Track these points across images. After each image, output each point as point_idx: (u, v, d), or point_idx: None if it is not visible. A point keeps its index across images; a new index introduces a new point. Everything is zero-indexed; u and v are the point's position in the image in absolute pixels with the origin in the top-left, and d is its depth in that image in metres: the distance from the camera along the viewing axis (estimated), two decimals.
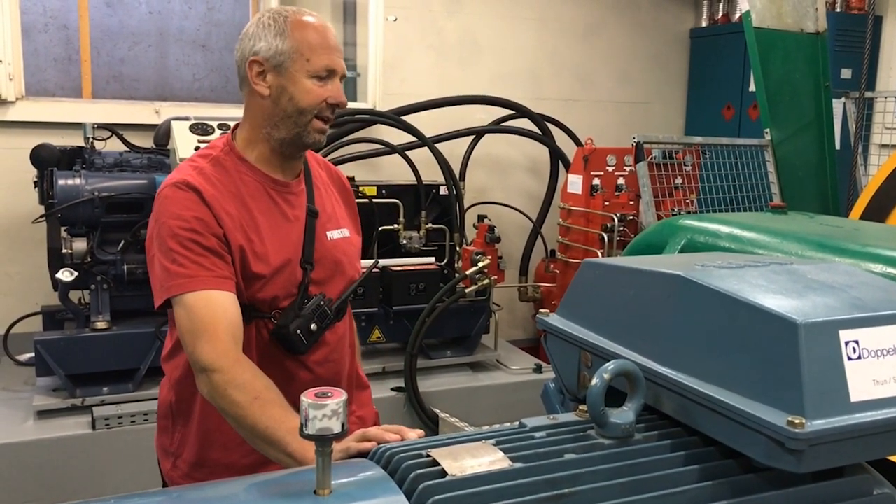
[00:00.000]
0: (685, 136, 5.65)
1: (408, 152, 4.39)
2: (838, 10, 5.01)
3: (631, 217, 4.54)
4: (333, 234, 1.80)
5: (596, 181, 4.63)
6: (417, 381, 3.88)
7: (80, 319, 3.51)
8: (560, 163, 5.13)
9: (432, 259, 4.28)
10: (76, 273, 3.31)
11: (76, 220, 3.48)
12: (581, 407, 1.10)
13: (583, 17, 5.62)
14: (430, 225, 4.34)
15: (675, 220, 2.33)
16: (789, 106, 4.08)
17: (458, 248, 4.37)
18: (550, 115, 5.13)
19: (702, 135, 4.83)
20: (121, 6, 4.64)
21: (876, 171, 3.60)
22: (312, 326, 1.67)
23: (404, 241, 4.23)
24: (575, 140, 5.11)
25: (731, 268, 1.13)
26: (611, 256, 4.34)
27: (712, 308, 1.02)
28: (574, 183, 4.73)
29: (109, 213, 3.48)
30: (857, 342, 0.94)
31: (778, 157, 4.08)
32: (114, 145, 3.89)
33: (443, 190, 4.42)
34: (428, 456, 0.95)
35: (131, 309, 3.58)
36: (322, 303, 1.70)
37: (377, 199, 4.18)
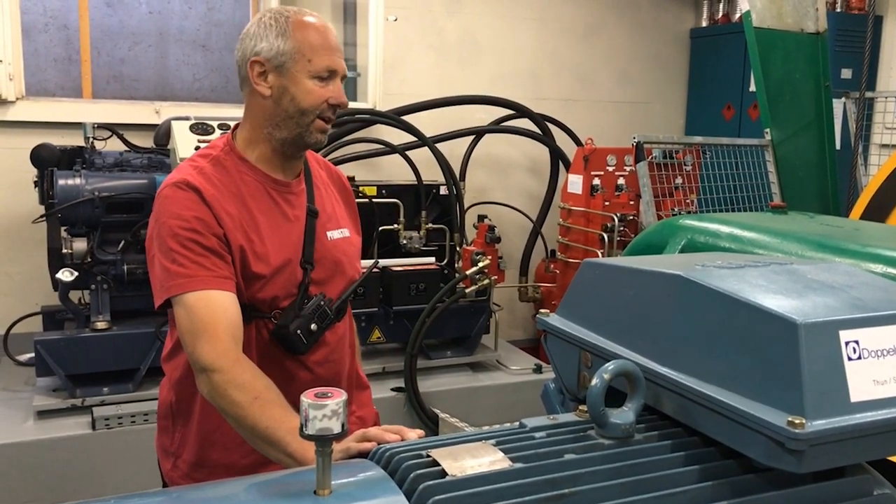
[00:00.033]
0: (685, 136, 5.64)
1: (408, 152, 4.39)
2: (838, 10, 5.01)
3: (631, 217, 4.53)
4: (333, 234, 1.80)
5: (596, 181, 4.63)
6: (417, 382, 3.87)
7: (80, 319, 3.51)
8: (560, 163, 5.13)
9: (432, 259, 4.28)
10: (76, 273, 3.31)
11: (76, 220, 3.48)
12: (581, 407, 1.10)
13: (583, 17, 5.62)
14: (430, 225, 4.33)
15: (675, 220, 2.33)
16: (789, 106, 4.08)
17: (458, 248, 4.37)
18: (550, 115, 5.13)
19: (702, 135, 4.83)
20: (121, 6, 4.64)
21: (876, 171, 3.60)
22: (312, 326, 1.67)
23: (404, 241, 4.23)
24: (575, 140, 5.11)
25: (731, 268, 1.12)
26: (611, 256, 4.34)
27: (712, 308, 1.02)
28: (574, 183, 4.73)
29: (109, 213, 3.48)
30: (857, 342, 0.94)
31: (778, 157, 4.08)
32: (114, 145, 3.89)
33: (443, 190, 4.41)
34: (428, 456, 0.95)
35: (131, 309, 3.58)
36: (322, 303, 1.70)
37: (377, 199, 4.17)
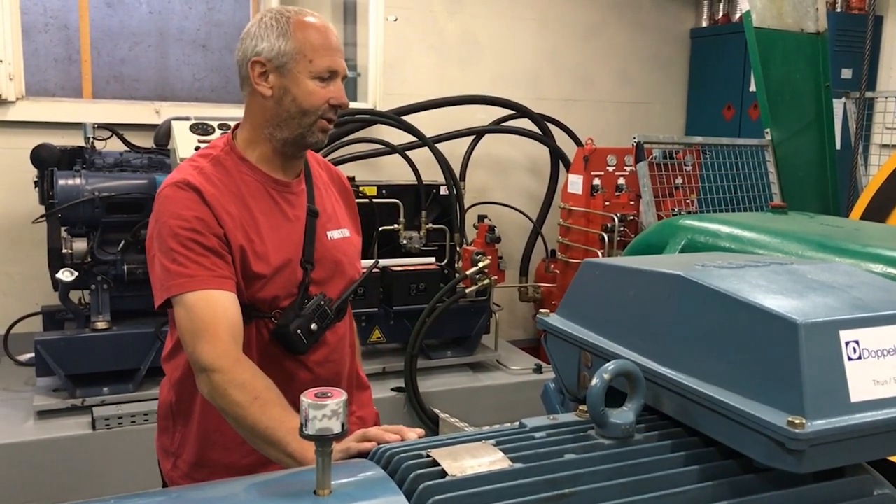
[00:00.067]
0: (685, 136, 5.64)
1: (408, 152, 4.39)
2: (839, 10, 5.01)
3: (631, 217, 4.53)
4: (334, 234, 1.80)
5: (596, 181, 4.63)
6: (418, 382, 3.87)
7: (80, 319, 3.51)
8: (560, 163, 5.13)
9: (432, 259, 4.27)
10: (76, 273, 3.31)
11: (76, 220, 3.48)
12: (581, 407, 1.09)
13: (583, 17, 5.62)
14: (430, 225, 4.33)
15: (675, 221, 2.33)
16: (790, 106, 4.08)
17: (458, 249, 4.37)
18: (551, 116, 5.13)
19: (702, 135, 4.83)
20: (121, 6, 4.64)
21: (876, 171, 3.60)
22: (313, 326, 1.67)
23: (404, 242, 4.23)
24: (575, 140, 5.11)
25: (731, 268, 1.12)
26: (611, 257, 4.34)
27: (712, 308, 1.02)
28: (574, 183, 4.73)
29: (110, 213, 3.48)
30: (857, 342, 0.94)
31: (778, 157, 4.08)
32: (114, 145, 3.89)
33: (443, 190, 4.41)
34: (428, 456, 0.95)
35: (131, 309, 3.58)
36: (322, 303, 1.70)
37: (377, 199, 4.17)
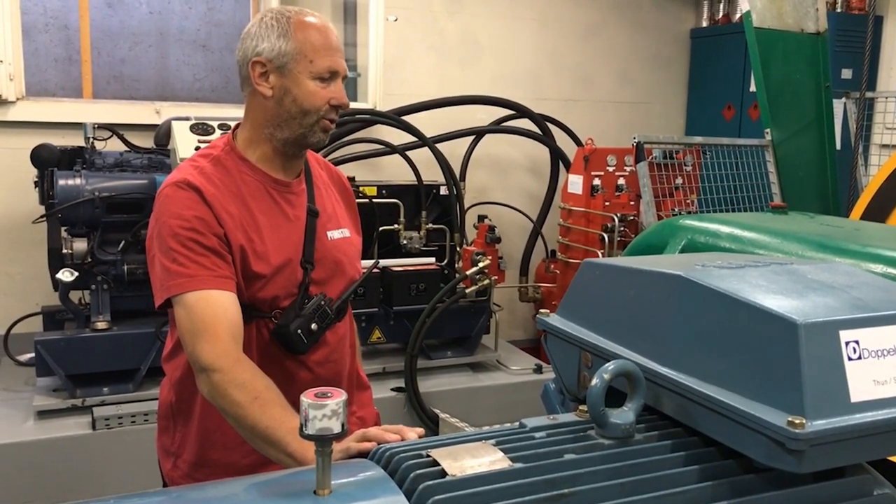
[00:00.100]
0: (685, 136, 5.64)
1: (408, 152, 4.39)
2: (839, 11, 5.01)
3: (631, 217, 4.53)
4: (334, 234, 1.80)
5: (596, 181, 4.63)
6: (418, 382, 3.87)
7: (80, 320, 3.51)
8: (560, 163, 5.13)
9: (433, 259, 4.27)
10: (76, 273, 3.31)
11: (76, 221, 3.48)
12: (581, 407, 1.09)
13: (583, 17, 5.62)
14: (430, 225, 4.33)
15: (675, 221, 2.32)
16: (790, 106, 4.08)
17: (458, 249, 4.37)
18: (551, 116, 5.13)
19: (702, 135, 4.83)
20: (121, 6, 4.64)
21: (876, 171, 3.59)
22: (313, 326, 1.67)
23: (405, 242, 4.23)
24: (575, 140, 5.11)
25: (731, 268, 1.12)
26: (611, 257, 4.33)
27: (712, 308, 1.02)
28: (574, 183, 4.73)
29: (110, 213, 3.48)
30: (857, 342, 0.94)
31: (778, 157, 4.08)
32: (114, 145, 3.89)
33: (443, 190, 4.41)
34: (428, 456, 0.95)
35: (132, 309, 3.58)
36: (323, 302, 1.70)
37: (377, 200, 4.17)
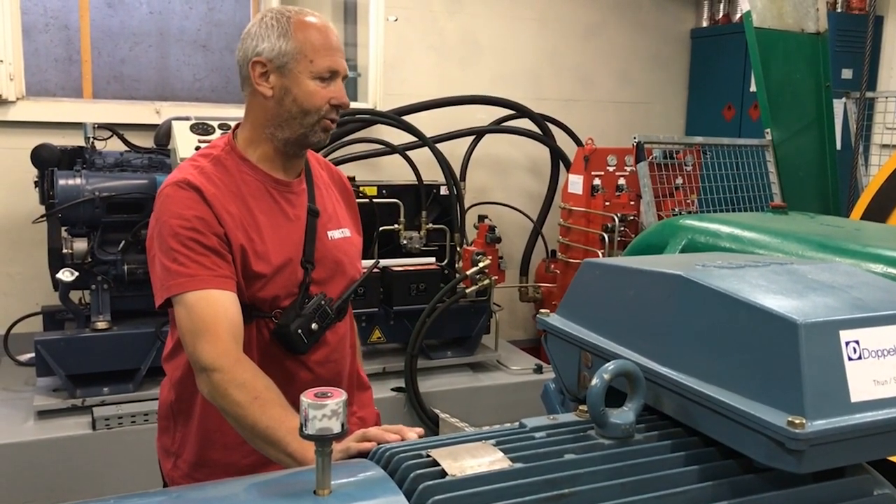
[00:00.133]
0: (686, 136, 5.64)
1: (408, 152, 4.39)
2: (839, 11, 5.01)
3: (631, 217, 4.53)
4: (334, 234, 1.80)
5: (596, 181, 4.63)
6: (418, 382, 3.87)
7: (80, 319, 3.51)
8: (561, 163, 5.13)
9: (433, 259, 4.27)
10: (76, 273, 3.31)
11: (77, 221, 3.48)
12: (581, 407, 1.09)
13: (583, 17, 5.62)
14: (430, 225, 4.33)
15: (675, 221, 2.32)
16: (790, 106, 4.08)
17: (458, 249, 4.37)
18: (551, 116, 5.13)
19: (702, 135, 4.83)
20: (121, 6, 4.64)
21: (876, 171, 3.60)
22: (313, 326, 1.67)
23: (405, 242, 4.22)
24: (575, 140, 5.10)
25: (731, 268, 1.12)
26: (611, 257, 4.33)
27: (712, 308, 1.02)
28: (575, 183, 4.73)
29: (110, 213, 3.48)
30: (857, 342, 0.94)
31: (779, 157, 4.08)
32: (114, 145, 3.89)
33: (443, 190, 4.41)
34: (428, 456, 0.95)
35: (132, 309, 3.58)
36: (323, 302, 1.70)
37: (378, 199, 4.17)
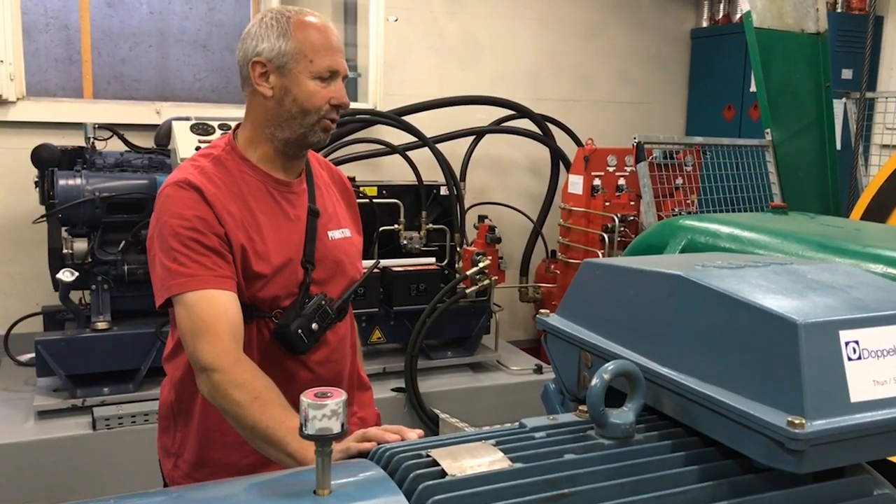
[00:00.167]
0: (686, 136, 5.64)
1: (408, 152, 4.39)
2: (839, 11, 5.01)
3: (631, 217, 4.53)
4: (335, 234, 1.80)
5: (596, 181, 4.63)
6: (418, 382, 3.87)
7: (80, 320, 3.50)
8: (561, 163, 5.13)
9: (433, 259, 4.27)
10: (77, 273, 3.31)
11: (77, 221, 3.48)
12: (581, 407, 1.09)
13: (583, 17, 5.62)
14: (430, 225, 4.33)
15: (675, 221, 2.33)
16: (790, 106, 4.08)
17: (458, 249, 4.37)
18: (551, 116, 5.13)
19: (702, 135, 4.83)
20: (122, 6, 4.65)
21: (877, 171, 3.60)
22: (313, 326, 1.67)
23: (405, 242, 4.23)
24: (575, 140, 5.10)
25: (731, 268, 1.12)
26: (611, 257, 4.33)
27: (712, 308, 1.02)
28: (575, 183, 4.73)
29: (110, 213, 3.48)
30: (857, 342, 0.94)
31: (779, 157, 4.08)
32: (114, 145, 3.89)
33: (443, 190, 4.41)
34: (428, 456, 0.95)
35: (132, 309, 3.58)
36: (323, 302, 1.70)
37: (378, 200, 4.17)
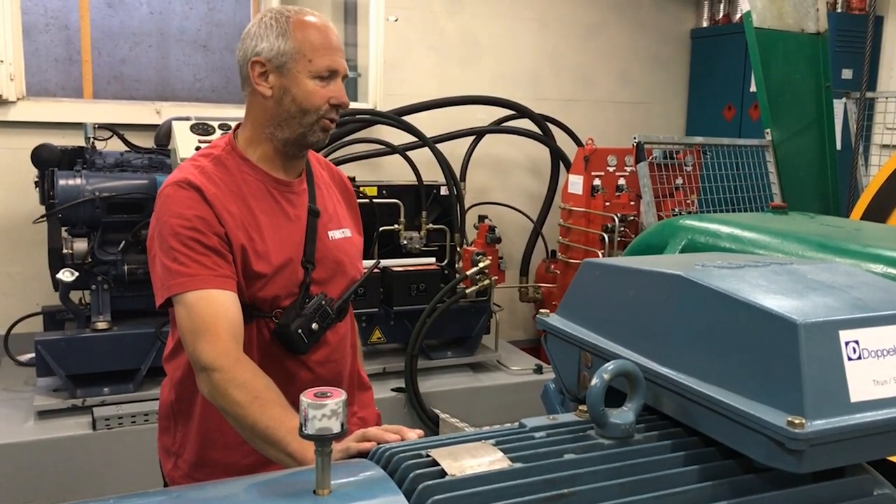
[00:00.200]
0: (686, 136, 5.65)
1: (408, 152, 4.39)
2: (839, 11, 5.01)
3: (631, 217, 4.53)
4: (335, 234, 1.80)
5: (597, 181, 4.63)
6: (418, 382, 3.87)
7: (80, 320, 3.50)
8: (561, 163, 5.13)
9: (433, 259, 4.27)
10: (77, 273, 3.31)
11: (77, 221, 3.48)
12: (581, 407, 1.09)
13: (583, 17, 5.62)
14: (430, 225, 4.33)
15: (675, 221, 2.32)
16: (790, 106, 4.08)
17: (458, 249, 4.37)
18: (551, 116, 5.13)
19: (702, 135, 4.83)
20: (122, 6, 4.64)
21: (877, 171, 3.60)
22: (314, 326, 1.67)
23: (405, 242, 4.23)
24: (575, 140, 5.10)
25: (731, 268, 1.12)
26: (611, 257, 4.33)
27: (712, 308, 1.02)
28: (575, 183, 4.73)
29: (110, 213, 3.48)
30: (857, 342, 0.94)
31: (779, 157, 4.08)
32: (114, 145, 3.89)
33: (443, 190, 4.41)
34: (428, 456, 0.95)
35: (132, 309, 3.58)
36: (323, 302, 1.70)
37: (378, 200, 4.17)
